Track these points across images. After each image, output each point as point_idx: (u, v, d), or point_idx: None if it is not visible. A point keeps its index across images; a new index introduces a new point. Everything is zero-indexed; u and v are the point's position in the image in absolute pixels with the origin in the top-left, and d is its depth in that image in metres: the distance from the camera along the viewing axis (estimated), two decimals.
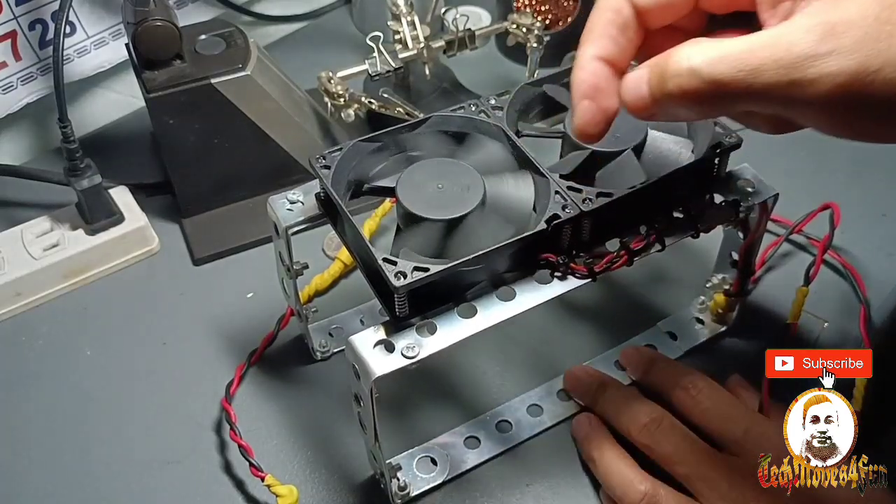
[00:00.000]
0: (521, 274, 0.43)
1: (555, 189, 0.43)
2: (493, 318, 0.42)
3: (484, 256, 0.40)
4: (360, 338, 0.41)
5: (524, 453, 0.52)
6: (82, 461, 0.52)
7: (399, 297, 0.40)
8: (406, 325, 0.41)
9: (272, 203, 0.48)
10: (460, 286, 0.42)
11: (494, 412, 0.54)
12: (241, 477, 0.51)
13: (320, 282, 0.61)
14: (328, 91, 0.66)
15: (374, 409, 0.41)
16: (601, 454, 0.49)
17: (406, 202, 0.43)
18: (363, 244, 0.41)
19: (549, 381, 0.55)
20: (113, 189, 0.65)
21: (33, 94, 0.70)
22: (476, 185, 0.43)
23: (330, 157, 0.45)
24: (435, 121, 0.48)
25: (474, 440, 0.52)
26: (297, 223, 0.47)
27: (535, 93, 0.51)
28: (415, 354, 0.40)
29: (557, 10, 0.80)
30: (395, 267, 0.39)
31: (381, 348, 0.40)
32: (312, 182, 0.47)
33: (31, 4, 0.66)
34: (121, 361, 0.58)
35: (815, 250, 0.62)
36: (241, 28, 0.64)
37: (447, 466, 0.51)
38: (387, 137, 0.47)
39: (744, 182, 0.48)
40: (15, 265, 0.60)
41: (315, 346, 0.57)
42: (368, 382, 0.40)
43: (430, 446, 0.52)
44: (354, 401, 0.43)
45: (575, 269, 0.43)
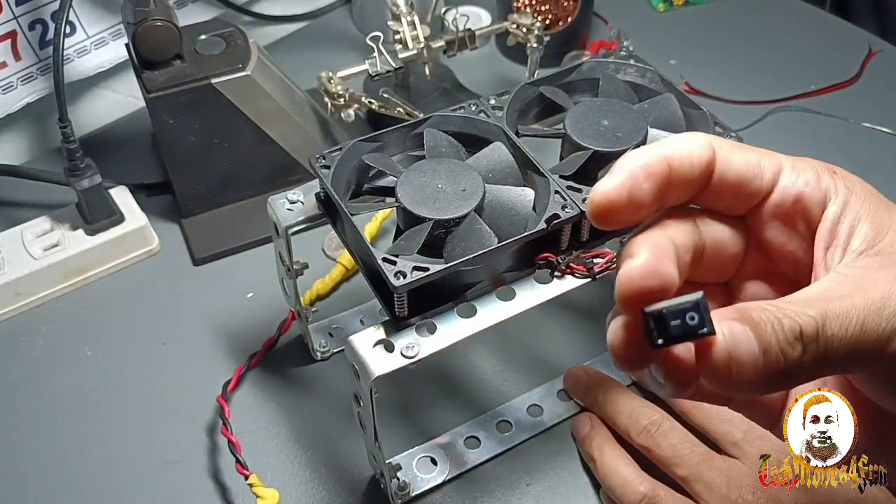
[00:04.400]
0: (521, 274, 0.43)
1: (554, 189, 0.43)
2: (492, 318, 0.42)
3: (484, 256, 0.40)
4: (359, 337, 0.41)
5: (524, 453, 0.52)
6: (82, 461, 0.52)
7: (398, 296, 0.40)
8: (406, 325, 0.41)
9: (272, 203, 0.48)
10: (460, 286, 0.42)
11: (494, 412, 0.54)
12: (240, 477, 0.51)
13: (321, 286, 0.61)
14: (328, 91, 0.66)
15: (374, 409, 0.42)
16: (601, 454, 0.49)
17: (406, 202, 0.43)
18: (363, 244, 0.41)
19: (549, 381, 0.55)
20: (113, 189, 0.65)
21: (33, 94, 0.70)
22: (476, 186, 0.43)
23: (330, 157, 0.45)
24: (435, 121, 0.48)
25: (474, 440, 0.52)
26: (297, 223, 0.47)
27: (535, 93, 0.51)
28: (414, 354, 0.40)
29: (557, 10, 0.80)
30: (395, 267, 0.39)
31: (381, 348, 0.40)
32: (312, 182, 0.47)
33: (31, 4, 0.66)
34: (121, 361, 0.58)
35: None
36: (241, 28, 0.64)
37: (447, 466, 0.51)
38: (387, 137, 0.47)
39: None
40: (15, 265, 0.60)
41: (315, 347, 0.57)
42: (368, 382, 0.40)
43: (430, 446, 0.52)
44: (354, 400, 0.44)
45: (574, 268, 0.43)
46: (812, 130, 0.75)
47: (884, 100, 0.78)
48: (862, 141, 0.73)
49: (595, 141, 0.46)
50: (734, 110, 0.76)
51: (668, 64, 0.82)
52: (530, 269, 0.44)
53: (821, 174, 0.31)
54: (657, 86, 0.51)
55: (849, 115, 0.75)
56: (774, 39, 0.86)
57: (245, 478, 0.47)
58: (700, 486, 0.45)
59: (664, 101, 0.50)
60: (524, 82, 0.50)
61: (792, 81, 0.79)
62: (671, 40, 0.86)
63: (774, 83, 0.79)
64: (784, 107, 0.77)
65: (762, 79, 0.80)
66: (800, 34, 0.87)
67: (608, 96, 0.50)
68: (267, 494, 0.48)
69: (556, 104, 0.51)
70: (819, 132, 0.74)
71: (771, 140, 0.73)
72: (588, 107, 0.48)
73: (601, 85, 0.51)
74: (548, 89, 0.50)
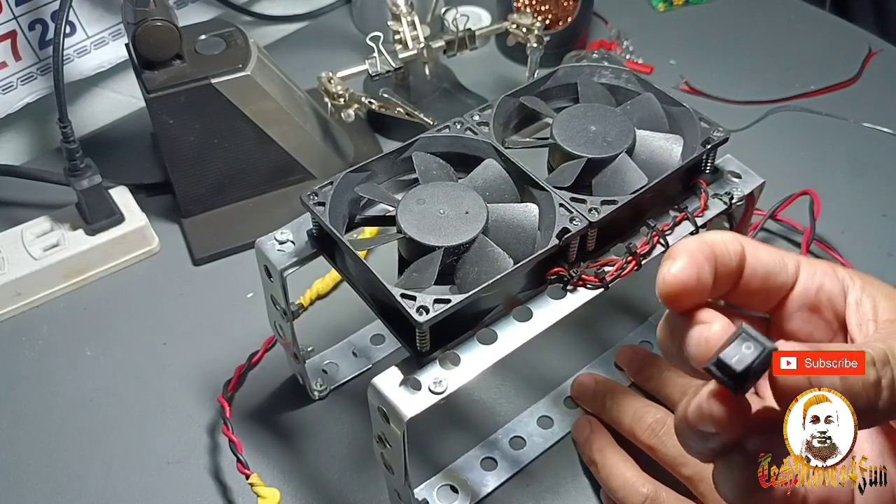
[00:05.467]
0: (534, 292, 0.42)
1: (558, 202, 0.42)
2: (515, 341, 0.40)
3: (502, 280, 0.39)
4: (383, 379, 0.39)
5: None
6: (82, 461, 0.52)
7: (421, 332, 0.38)
8: (428, 360, 0.39)
9: (261, 246, 0.45)
10: (477, 312, 0.41)
11: (506, 429, 0.53)
12: (240, 477, 0.51)
13: (322, 286, 0.61)
14: (328, 91, 0.66)
15: (406, 451, 0.39)
16: (602, 457, 0.48)
17: (411, 232, 0.41)
18: (375, 282, 0.39)
19: (552, 390, 0.55)
20: (113, 189, 0.65)
21: (33, 94, 0.70)
22: (478, 206, 0.42)
23: (322, 192, 0.43)
24: (421, 143, 0.47)
25: (491, 461, 0.51)
26: (292, 264, 0.44)
27: (515, 104, 0.50)
28: (443, 390, 0.38)
29: (557, 10, 0.80)
30: (416, 302, 0.37)
31: (407, 387, 0.38)
32: (300, 219, 0.46)
33: (31, 4, 0.66)
34: (121, 361, 0.58)
35: (796, 237, 0.63)
36: (241, 28, 0.64)
37: (469, 493, 0.50)
38: (375, 165, 0.46)
39: (731, 173, 0.48)
40: (15, 265, 0.60)
41: (312, 387, 0.55)
42: (401, 425, 0.38)
43: (448, 473, 0.51)
44: (378, 442, 0.41)
45: (586, 279, 0.42)
46: (812, 130, 0.75)
47: (884, 100, 0.78)
48: (862, 141, 0.73)
49: (587, 148, 0.45)
50: (734, 110, 0.76)
51: (668, 64, 0.82)
52: (541, 285, 0.43)
53: (835, 268, 0.36)
54: (634, 86, 0.51)
55: (849, 115, 0.75)
56: (774, 39, 0.86)
57: (246, 477, 0.47)
58: (704, 485, 0.45)
59: (645, 101, 0.49)
60: (504, 94, 0.49)
61: (792, 81, 0.79)
62: (671, 40, 0.86)
63: (774, 83, 0.79)
64: (784, 107, 0.77)
65: (762, 79, 0.80)
66: (800, 34, 0.87)
67: (588, 101, 0.49)
68: (268, 494, 0.47)
69: (534, 113, 0.50)
70: (819, 132, 0.74)
71: (771, 140, 0.73)
72: (572, 114, 0.48)
73: (580, 90, 0.50)
74: (528, 99, 0.49)
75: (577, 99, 0.50)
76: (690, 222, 0.46)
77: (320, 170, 0.67)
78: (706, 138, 0.46)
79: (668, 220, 0.46)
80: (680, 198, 0.47)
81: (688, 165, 0.45)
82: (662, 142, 0.47)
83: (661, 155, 0.46)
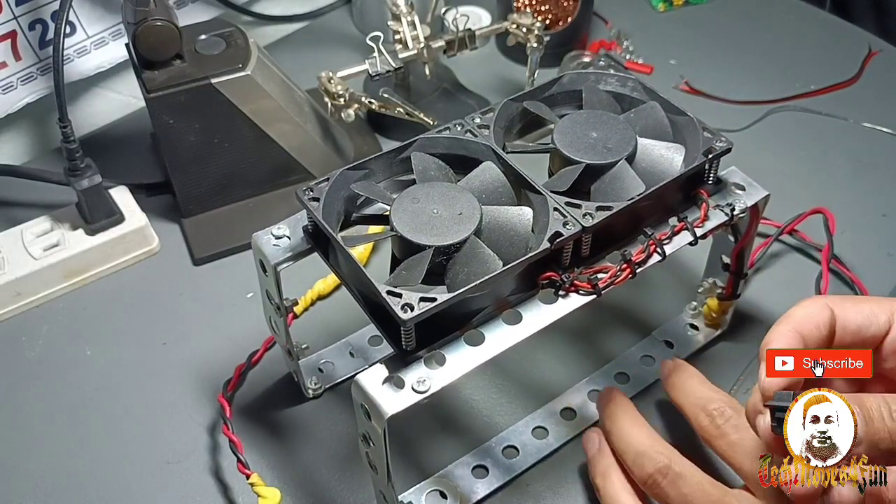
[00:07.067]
0: (525, 295, 0.42)
1: (553, 206, 0.42)
2: (502, 344, 0.40)
3: (491, 281, 0.39)
4: (367, 376, 0.39)
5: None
6: (82, 461, 0.52)
7: (406, 329, 0.38)
8: (413, 359, 0.39)
9: (257, 240, 0.46)
10: (465, 313, 0.41)
11: (499, 438, 0.52)
12: (241, 477, 0.51)
13: (323, 286, 0.61)
14: (328, 91, 0.66)
15: (388, 450, 0.40)
16: (604, 482, 0.47)
17: (402, 230, 0.41)
18: (363, 278, 0.39)
19: (549, 401, 0.54)
20: (113, 189, 0.65)
21: (33, 94, 0.70)
22: (472, 208, 0.42)
23: (318, 188, 0.43)
24: (421, 143, 0.47)
25: (482, 469, 0.51)
26: (286, 259, 0.45)
27: (518, 109, 0.50)
28: (426, 389, 0.38)
29: (557, 10, 0.80)
30: (401, 299, 0.37)
31: (391, 385, 0.39)
32: (296, 215, 0.46)
33: (31, 4, 0.66)
34: (121, 361, 0.58)
35: (809, 249, 0.63)
36: (241, 28, 0.64)
37: (458, 499, 0.49)
38: (373, 164, 0.46)
39: (734, 185, 0.48)
40: (15, 265, 0.60)
41: (307, 385, 0.54)
42: (382, 422, 0.38)
43: (437, 479, 0.50)
44: (363, 441, 0.42)
45: (579, 285, 0.42)
46: (812, 130, 0.75)
47: (884, 100, 0.78)
48: (862, 141, 0.73)
49: (586, 154, 0.45)
50: (734, 110, 0.76)
51: (668, 64, 0.82)
52: (533, 289, 0.42)
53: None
54: (640, 94, 0.51)
55: (849, 115, 0.75)
56: (774, 39, 0.86)
57: (246, 477, 0.47)
58: None
59: (649, 109, 0.49)
60: (507, 98, 0.49)
61: (792, 81, 0.79)
62: (671, 40, 0.86)
63: (774, 83, 0.79)
64: (784, 107, 0.77)
65: (762, 79, 0.80)
66: (800, 34, 0.87)
67: (592, 108, 0.49)
68: (268, 494, 0.47)
69: (538, 119, 0.50)
70: (819, 132, 0.74)
71: (771, 140, 0.73)
72: (575, 120, 0.48)
73: (584, 97, 0.50)
74: (532, 104, 0.49)
75: (581, 106, 0.50)
76: (689, 232, 0.46)
77: (320, 170, 0.67)
78: (708, 148, 0.46)
79: (666, 230, 0.45)
80: (680, 207, 0.47)
81: (687, 174, 0.45)
82: (664, 151, 0.46)
83: (661, 164, 0.46)
